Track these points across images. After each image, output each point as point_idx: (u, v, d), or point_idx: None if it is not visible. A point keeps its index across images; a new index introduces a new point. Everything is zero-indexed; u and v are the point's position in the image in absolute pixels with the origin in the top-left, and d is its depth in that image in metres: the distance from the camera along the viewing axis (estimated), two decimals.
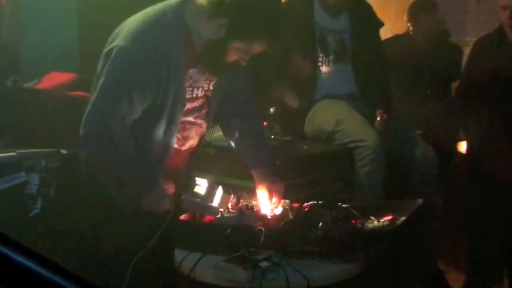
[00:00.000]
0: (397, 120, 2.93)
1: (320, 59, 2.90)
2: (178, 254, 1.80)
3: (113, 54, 1.89)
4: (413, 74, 3.53)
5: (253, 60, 2.00)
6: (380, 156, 2.61)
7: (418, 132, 3.15)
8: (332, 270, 1.69)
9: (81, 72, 2.82)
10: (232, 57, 1.96)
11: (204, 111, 2.15)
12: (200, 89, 2.08)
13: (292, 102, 2.92)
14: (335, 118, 2.78)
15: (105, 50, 1.95)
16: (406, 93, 3.44)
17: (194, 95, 2.07)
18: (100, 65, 1.97)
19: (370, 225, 1.79)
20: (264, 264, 1.61)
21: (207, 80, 2.10)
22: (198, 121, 2.15)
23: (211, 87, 2.13)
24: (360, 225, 1.80)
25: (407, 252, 1.99)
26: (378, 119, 2.83)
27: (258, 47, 1.93)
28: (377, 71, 2.95)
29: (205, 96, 2.12)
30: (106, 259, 1.94)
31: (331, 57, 2.92)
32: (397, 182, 2.75)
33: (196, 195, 1.86)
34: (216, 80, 2.11)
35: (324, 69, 2.92)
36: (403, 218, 1.81)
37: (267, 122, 2.65)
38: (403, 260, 1.89)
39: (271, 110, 2.74)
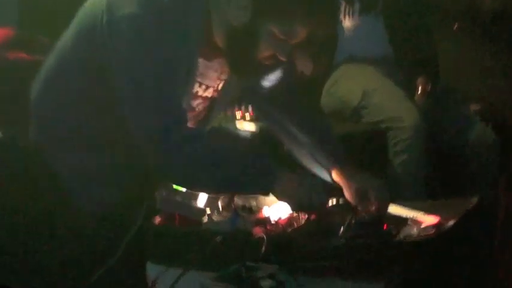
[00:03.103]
0: (445, 92, 2.92)
1: (341, 9, 2.90)
2: (152, 269, 1.80)
3: (123, 28, 1.87)
4: (470, 28, 3.51)
5: None
6: (421, 141, 2.62)
7: (475, 108, 3.14)
8: None
9: (20, 27, 2.81)
10: (266, 49, 1.93)
11: (199, 119, 2.15)
12: (204, 87, 2.06)
13: (305, 67, 2.91)
14: (362, 89, 2.79)
15: (99, 23, 1.92)
16: (458, 54, 3.42)
17: (195, 91, 2.05)
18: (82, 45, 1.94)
19: (407, 232, 1.79)
20: (265, 283, 1.61)
21: (218, 79, 2.07)
22: None
23: (219, 88, 2.13)
24: (395, 232, 1.80)
25: (458, 269, 1.98)
26: (420, 90, 2.83)
27: (300, 31, 1.91)
28: (418, 25, 2.95)
29: (209, 99, 2.12)
30: (54, 278, 1.94)
31: (355, 7, 2.92)
32: (444, 175, 2.75)
33: (176, 191, 1.89)
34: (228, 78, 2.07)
35: (347, 23, 2.92)
36: (451, 223, 1.80)
37: None
38: (452, 278, 1.89)
39: None
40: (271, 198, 2.07)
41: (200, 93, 2.06)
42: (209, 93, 2.08)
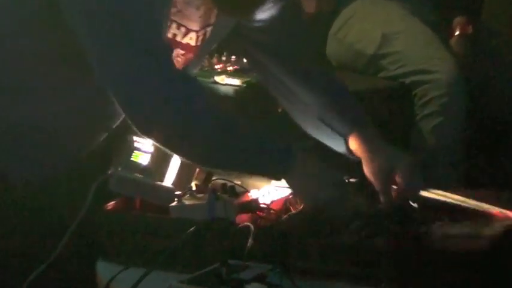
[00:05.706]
0: (490, 35, 2.93)
1: None
2: (104, 270, 1.80)
3: None
4: None
5: None
6: (459, 99, 2.64)
7: None
8: None
9: None
10: None
11: None
12: (183, 30, 2.04)
13: (307, 3, 2.90)
14: (380, 31, 2.81)
15: None
16: None
17: (172, 34, 2.03)
18: None
19: (442, 230, 1.77)
20: (253, 287, 1.60)
21: (204, 24, 2.07)
22: None
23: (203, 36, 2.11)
24: (424, 230, 1.77)
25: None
26: (457, 33, 2.85)
27: None
28: None
29: (192, 50, 2.10)
30: None
31: None
32: (491, 147, 2.74)
33: (135, 166, 1.88)
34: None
35: None
36: (508, 223, 1.77)
37: None
38: None
39: None
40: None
41: (179, 38, 2.03)
42: (191, 40, 2.05)
